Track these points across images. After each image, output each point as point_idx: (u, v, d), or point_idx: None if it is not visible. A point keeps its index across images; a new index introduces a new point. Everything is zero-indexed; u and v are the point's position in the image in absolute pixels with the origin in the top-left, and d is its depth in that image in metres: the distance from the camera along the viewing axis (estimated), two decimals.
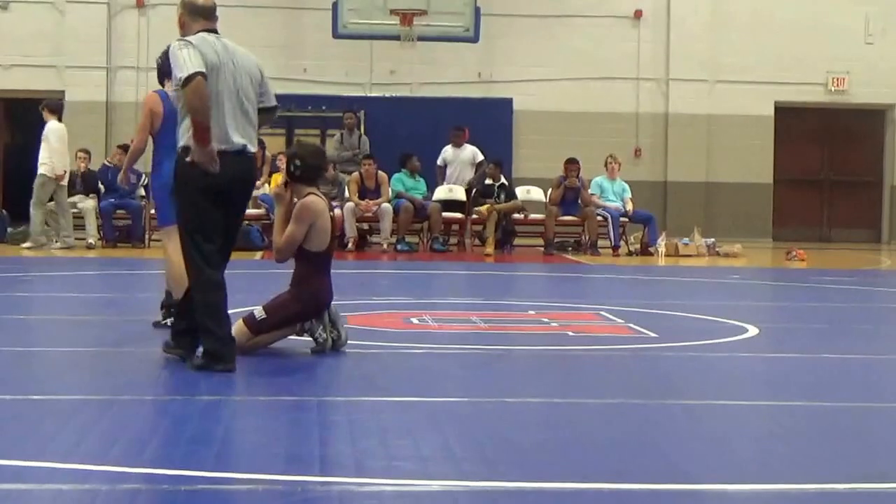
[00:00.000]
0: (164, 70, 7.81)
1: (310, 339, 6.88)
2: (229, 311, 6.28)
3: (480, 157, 17.11)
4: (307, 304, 6.82)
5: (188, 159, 6.06)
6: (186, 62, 5.94)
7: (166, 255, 7.94)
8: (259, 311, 6.80)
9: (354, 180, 16.14)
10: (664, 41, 19.87)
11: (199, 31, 6.15)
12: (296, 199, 6.87)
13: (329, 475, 4.15)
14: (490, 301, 10.62)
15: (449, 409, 5.41)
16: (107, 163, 16.50)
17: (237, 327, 6.72)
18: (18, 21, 19.04)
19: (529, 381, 6.37)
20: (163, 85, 8.11)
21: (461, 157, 17.26)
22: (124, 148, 16.54)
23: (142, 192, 16.25)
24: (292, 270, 7.07)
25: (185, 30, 6.21)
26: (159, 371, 6.62)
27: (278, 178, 16.18)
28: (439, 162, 17.30)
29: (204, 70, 5.96)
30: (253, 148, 6.21)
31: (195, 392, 5.89)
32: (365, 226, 16.52)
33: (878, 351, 7.77)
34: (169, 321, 7.49)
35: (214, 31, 6.21)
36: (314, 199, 6.84)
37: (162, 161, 7.97)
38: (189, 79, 5.92)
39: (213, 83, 6.01)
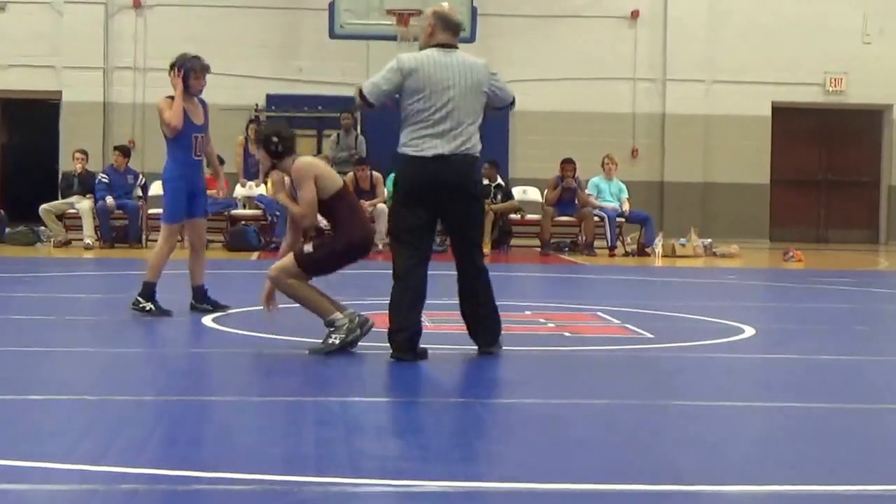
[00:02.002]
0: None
1: (308, 340, 6.91)
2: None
3: None
4: (352, 239, 6.98)
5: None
6: (375, 79, 6.77)
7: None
8: (308, 247, 6.92)
9: (349, 181, 16.19)
10: (661, 41, 19.87)
11: (436, 44, 6.77)
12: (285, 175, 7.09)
13: (326, 475, 4.17)
14: None
15: (445, 410, 5.42)
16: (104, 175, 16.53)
17: (286, 259, 6.89)
18: (16, 21, 19.03)
19: (526, 381, 6.38)
20: (184, 86, 8.54)
21: None
22: (122, 150, 16.64)
23: (139, 192, 16.32)
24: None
25: (430, 38, 6.81)
26: (157, 371, 6.68)
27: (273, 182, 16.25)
28: None
29: (373, 101, 6.73)
30: (471, 151, 6.78)
31: (193, 392, 5.95)
32: None
33: (875, 352, 7.79)
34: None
35: (452, 46, 6.81)
36: (302, 158, 7.07)
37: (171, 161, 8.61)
38: (360, 94, 6.75)
39: (420, 98, 6.67)
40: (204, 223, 8.83)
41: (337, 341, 6.82)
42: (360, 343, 6.97)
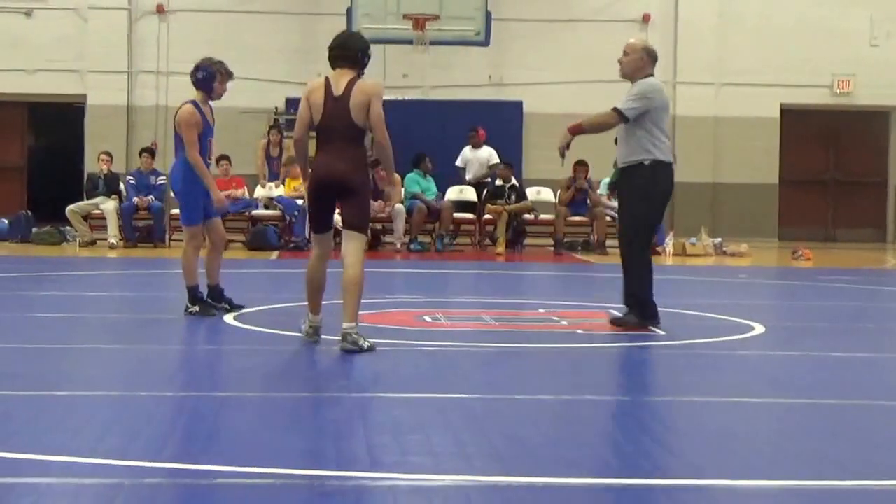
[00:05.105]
0: (194, 79, 8.45)
1: (328, 337, 7.04)
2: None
3: (495, 160, 17.37)
4: (310, 178, 7.11)
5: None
6: (632, 105, 8.03)
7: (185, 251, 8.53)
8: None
9: None
10: (672, 45, 19.97)
11: (648, 75, 8.16)
12: None
13: (344, 470, 4.23)
14: (501, 300, 10.67)
15: (461, 406, 5.44)
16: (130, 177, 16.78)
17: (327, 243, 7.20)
18: (42, 27, 19.23)
19: (539, 378, 6.44)
20: (206, 89, 8.49)
21: (478, 157, 17.53)
22: (150, 152, 16.91)
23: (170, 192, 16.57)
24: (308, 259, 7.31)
25: (641, 70, 8.20)
26: (179, 368, 6.75)
27: (293, 183, 16.48)
28: (458, 163, 17.60)
29: (628, 118, 8.02)
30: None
31: (214, 388, 6.04)
32: (378, 226, 16.76)
33: (883, 349, 7.85)
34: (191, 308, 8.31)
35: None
36: (314, 80, 7.15)
37: (185, 164, 8.45)
38: (621, 116, 8.03)
39: (664, 115, 8.17)
40: (220, 221, 8.79)
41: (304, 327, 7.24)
42: (376, 341, 7.00)
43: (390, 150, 7.14)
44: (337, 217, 7.20)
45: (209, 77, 8.47)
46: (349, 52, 7.08)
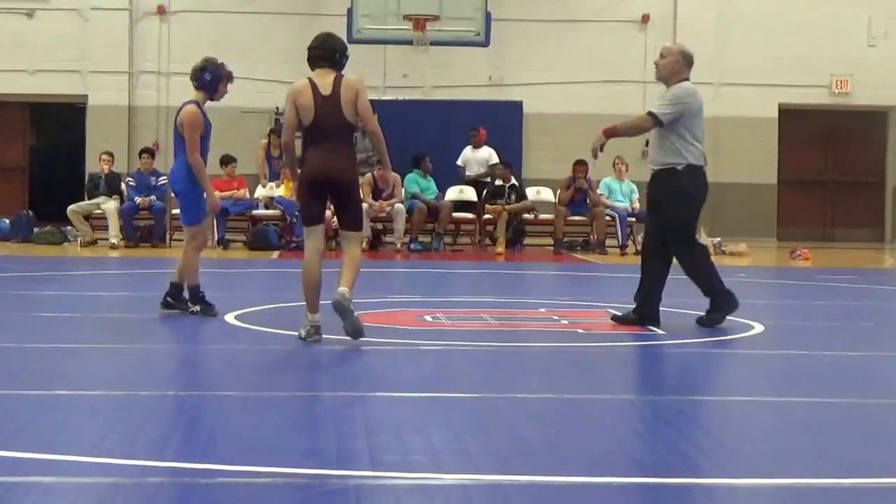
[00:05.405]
0: (201, 81, 8.42)
1: (330, 337, 7.09)
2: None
3: (494, 160, 17.43)
4: (303, 174, 7.26)
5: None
6: (667, 110, 8.03)
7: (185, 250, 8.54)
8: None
9: (368, 182, 16.43)
10: None
11: (684, 79, 8.16)
12: None
13: (345, 469, 4.24)
14: (501, 299, 10.70)
15: (461, 405, 5.47)
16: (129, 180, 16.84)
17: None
18: (43, 27, 19.27)
19: (540, 377, 6.46)
20: (210, 91, 8.50)
21: (478, 158, 17.60)
22: (149, 152, 16.95)
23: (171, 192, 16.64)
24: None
25: (678, 74, 8.19)
26: (181, 367, 6.79)
27: (290, 184, 16.52)
28: (459, 162, 17.68)
29: (663, 122, 8.01)
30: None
31: (215, 388, 6.06)
32: (379, 226, 16.82)
33: (881, 348, 7.89)
34: (194, 308, 8.36)
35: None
36: (296, 82, 7.28)
37: (186, 164, 8.47)
38: (655, 119, 8.06)
39: (700, 119, 8.14)
40: (209, 222, 8.91)
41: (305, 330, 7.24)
42: (376, 340, 7.05)
43: (382, 139, 7.42)
44: (333, 219, 7.31)
45: (216, 79, 8.52)
46: (328, 52, 7.29)
